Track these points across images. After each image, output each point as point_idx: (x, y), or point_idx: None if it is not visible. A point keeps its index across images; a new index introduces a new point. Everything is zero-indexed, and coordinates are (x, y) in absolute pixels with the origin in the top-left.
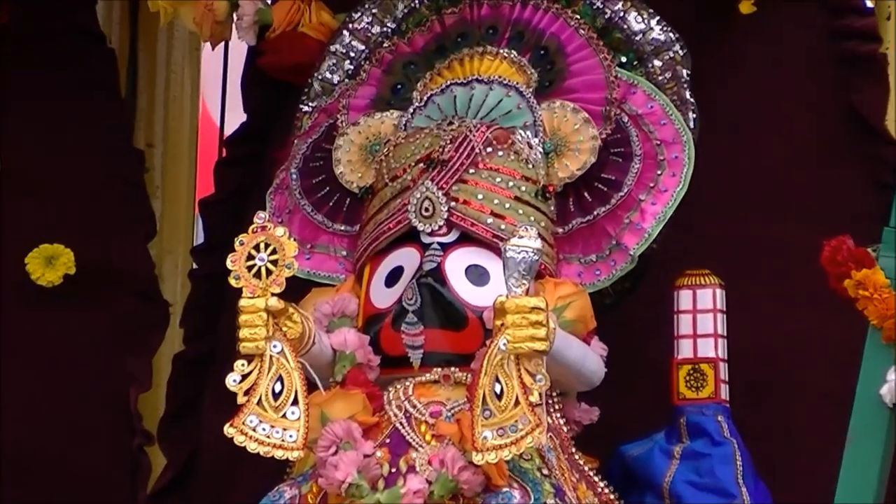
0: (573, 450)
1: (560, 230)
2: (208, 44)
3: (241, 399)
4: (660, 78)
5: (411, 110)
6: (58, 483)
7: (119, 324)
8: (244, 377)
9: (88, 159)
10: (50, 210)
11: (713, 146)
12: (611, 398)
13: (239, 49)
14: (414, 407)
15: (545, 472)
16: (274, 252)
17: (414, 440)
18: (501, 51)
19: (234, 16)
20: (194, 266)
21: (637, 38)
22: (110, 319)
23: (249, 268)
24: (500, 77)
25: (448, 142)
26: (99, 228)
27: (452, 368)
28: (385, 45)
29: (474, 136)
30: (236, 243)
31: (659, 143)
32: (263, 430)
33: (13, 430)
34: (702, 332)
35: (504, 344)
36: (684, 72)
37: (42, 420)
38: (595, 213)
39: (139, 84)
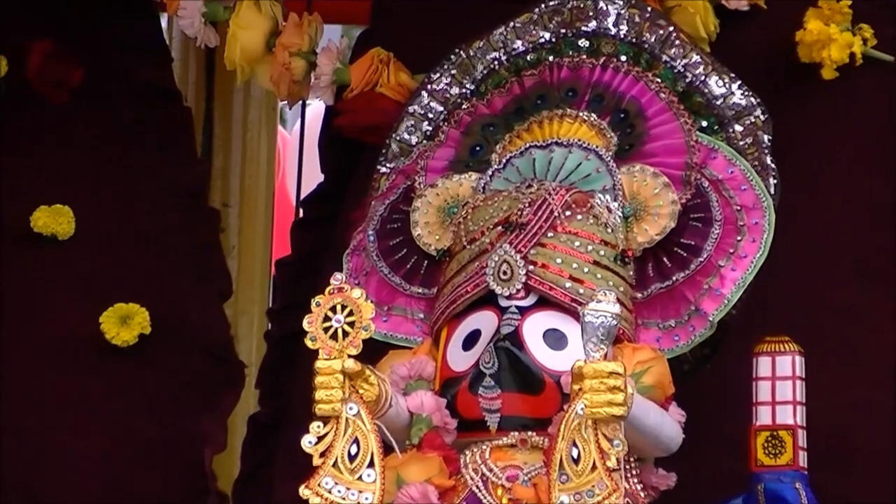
0: None
1: (639, 295)
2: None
3: (316, 460)
4: (741, 143)
5: (490, 172)
6: None
7: (194, 384)
8: (320, 439)
9: (164, 218)
10: (125, 268)
11: (787, 209)
12: (688, 464)
13: (316, 109)
14: (490, 471)
15: None
16: (351, 314)
17: None
18: (581, 113)
19: (312, 75)
20: (269, 327)
21: (718, 102)
22: (185, 379)
23: (326, 329)
24: (579, 140)
25: (527, 205)
26: (174, 288)
27: (529, 432)
28: (464, 106)
29: (553, 199)
30: (313, 304)
31: (739, 208)
32: (339, 491)
33: (85, 489)
34: (781, 398)
35: (582, 408)
36: (765, 137)
37: (114, 479)
38: (674, 278)
39: (215, 143)
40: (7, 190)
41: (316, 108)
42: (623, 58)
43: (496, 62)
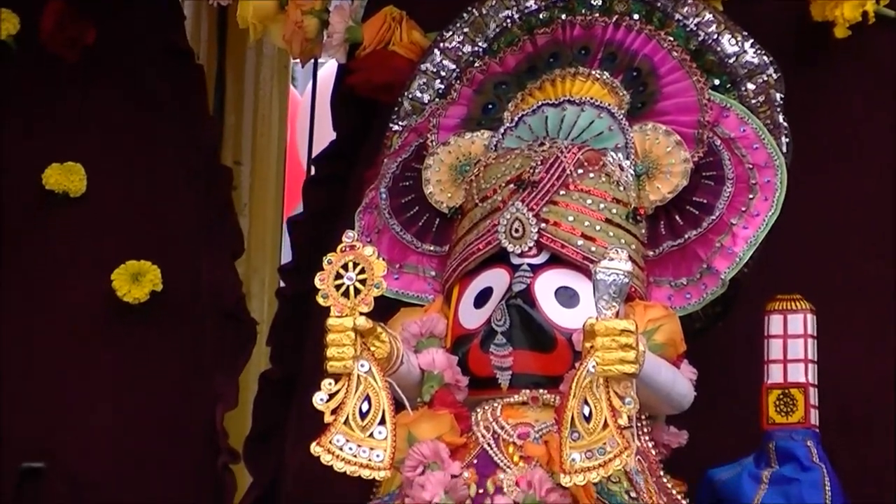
0: (661, 473)
1: (651, 253)
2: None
3: (328, 418)
4: (753, 101)
5: (502, 130)
6: (142, 500)
7: (206, 342)
8: (331, 396)
9: (175, 176)
10: (136, 226)
11: (804, 175)
12: (700, 422)
13: (327, 69)
14: (502, 428)
15: (633, 495)
16: (362, 271)
17: (502, 461)
18: (594, 72)
19: (324, 33)
20: (281, 284)
21: (730, 60)
22: (197, 337)
23: (338, 287)
24: (592, 98)
25: (539, 163)
26: (186, 246)
27: (541, 390)
28: (476, 64)
29: (565, 157)
30: (325, 262)
31: (751, 166)
32: (350, 449)
33: (97, 446)
34: (792, 356)
35: (593, 366)
36: (778, 95)
37: (127, 437)
38: (686, 236)
39: (227, 101)
40: (19, 148)
41: (327, 69)
42: (636, 16)
43: (509, 20)
